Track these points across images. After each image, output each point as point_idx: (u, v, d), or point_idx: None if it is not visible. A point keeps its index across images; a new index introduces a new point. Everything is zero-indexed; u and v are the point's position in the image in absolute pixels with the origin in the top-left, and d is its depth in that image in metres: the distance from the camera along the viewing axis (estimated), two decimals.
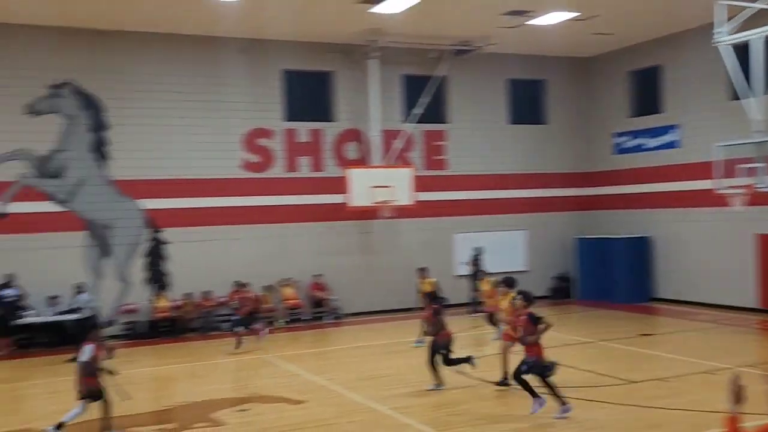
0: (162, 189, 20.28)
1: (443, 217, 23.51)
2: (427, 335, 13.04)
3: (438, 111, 23.65)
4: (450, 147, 23.82)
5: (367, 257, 22.60)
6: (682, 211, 22.41)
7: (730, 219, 20.16)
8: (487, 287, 16.76)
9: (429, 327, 12.86)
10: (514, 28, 20.70)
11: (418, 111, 22.59)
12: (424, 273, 18.40)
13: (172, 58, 20.41)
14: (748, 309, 20.35)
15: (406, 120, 22.82)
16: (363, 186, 21.22)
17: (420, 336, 15.64)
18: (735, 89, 18.22)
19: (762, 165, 17.50)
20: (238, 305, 17.49)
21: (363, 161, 22.39)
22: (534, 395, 10.69)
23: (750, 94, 17.50)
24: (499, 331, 14.36)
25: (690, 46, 21.75)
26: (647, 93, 23.80)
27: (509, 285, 12.51)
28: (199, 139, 20.63)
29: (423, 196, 22.45)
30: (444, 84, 23.44)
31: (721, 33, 16.84)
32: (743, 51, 17.51)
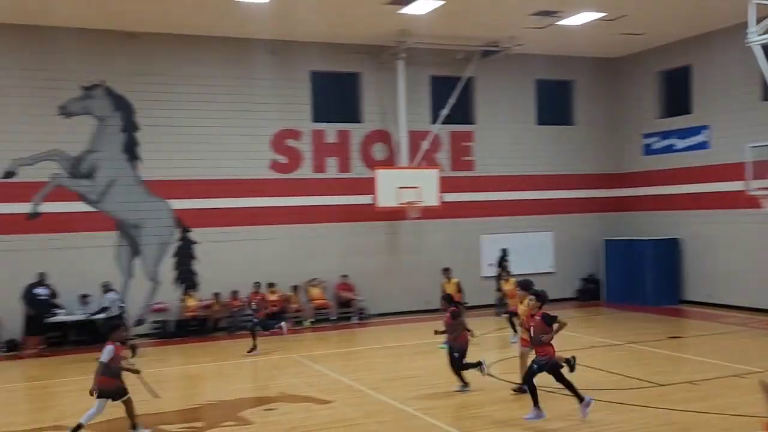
0: (191, 189, 20.49)
1: (470, 218, 23.48)
2: (447, 338, 12.95)
3: (465, 112, 23.62)
4: (477, 148, 23.78)
5: (394, 258, 22.63)
6: (711, 213, 22.16)
7: (761, 221, 19.92)
8: (510, 287, 16.76)
9: (447, 330, 12.81)
10: (542, 28, 20.64)
11: (445, 112, 22.57)
12: (448, 273, 18.37)
13: (201, 59, 20.60)
14: None
15: (433, 121, 22.83)
16: (390, 187, 21.25)
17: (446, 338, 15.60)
18: (767, 89, 18.00)
19: None
20: (257, 307, 17.61)
21: (390, 162, 22.43)
22: (536, 404, 10.52)
23: None
24: (517, 335, 14.33)
25: (720, 46, 21.52)
26: (677, 93, 23.58)
27: (525, 288, 12.27)
28: (228, 140, 20.80)
29: (450, 197, 22.45)
30: (471, 85, 23.41)
31: (753, 33, 16.64)
32: None
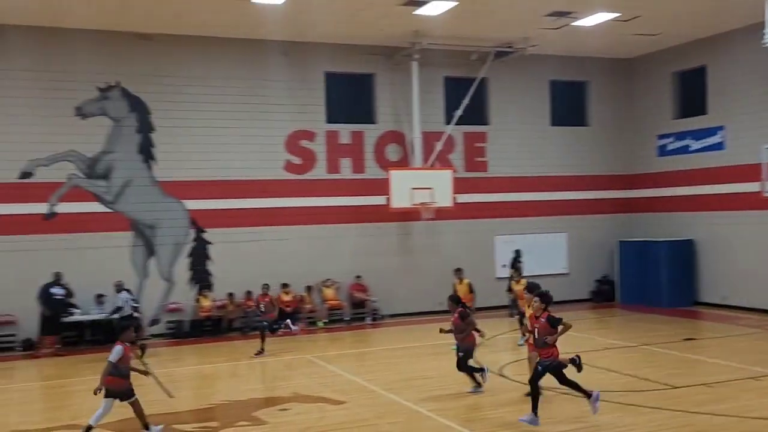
0: (206, 190, 20.59)
1: (484, 219, 23.46)
2: (456, 339, 12.87)
3: (479, 113, 23.60)
4: (491, 149, 23.76)
5: (407, 259, 22.65)
6: (727, 214, 22.03)
7: None
8: (520, 288, 16.73)
9: (455, 330, 12.78)
10: (556, 29, 20.60)
11: (458, 113, 22.56)
12: (460, 274, 18.32)
13: (216, 60, 20.69)
14: None
15: (447, 122, 22.83)
16: (404, 188, 21.27)
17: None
18: None
19: None
20: (265, 309, 17.65)
21: (404, 163, 22.44)
22: (534, 408, 10.42)
23: None
24: (525, 337, 14.29)
25: (736, 46, 21.40)
26: (692, 94, 23.47)
27: (531, 290, 12.23)
28: (243, 141, 20.89)
29: (463, 198, 22.45)
30: (485, 86, 23.40)
31: None
32: None
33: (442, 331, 13.08)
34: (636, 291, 23.85)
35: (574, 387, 10.63)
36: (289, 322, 18.36)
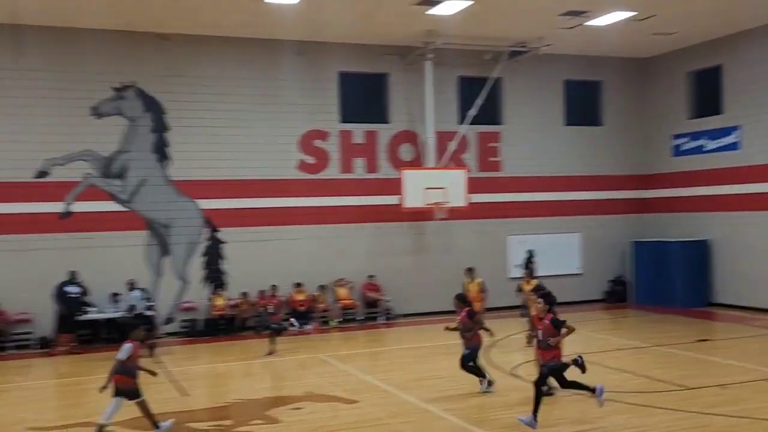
0: (220, 189, 20.69)
1: (497, 219, 23.43)
2: (463, 338, 12.82)
3: (493, 112, 23.58)
4: (504, 149, 23.73)
5: (421, 258, 22.67)
6: (742, 215, 21.91)
7: None
8: (528, 288, 16.74)
9: (463, 329, 12.77)
10: (570, 29, 20.55)
11: (472, 112, 22.56)
12: (471, 273, 18.30)
13: (230, 60, 20.78)
14: None
15: (460, 121, 22.82)
16: (417, 187, 21.29)
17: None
18: None
19: None
20: (273, 310, 17.69)
21: (417, 163, 22.46)
22: (535, 411, 10.26)
23: None
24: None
25: (752, 45, 21.29)
26: (707, 94, 23.35)
27: (536, 291, 12.21)
28: (257, 141, 20.97)
29: (477, 197, 22.43)
30: (499, 85, 23.37)
31: None
32: None
33: (447, 329, 13.10)
34: (650, 292, 23.75)
35: (576, 387, 10.63)
36: (293, 320, 18.41)
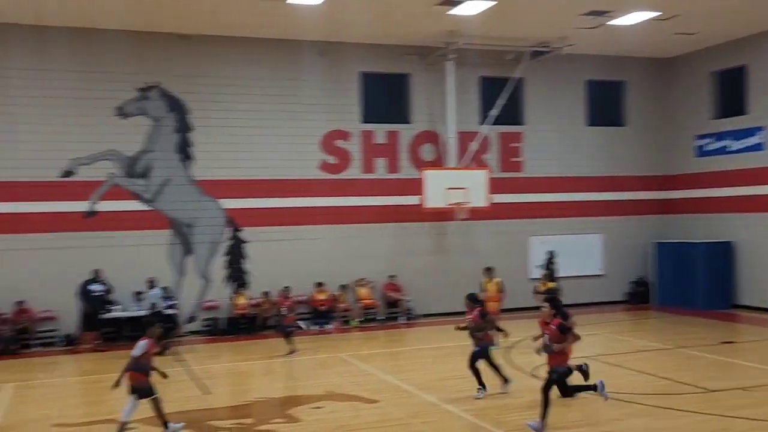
0: (242, 189, 20.83)
1: (518, 220, 23.38)
2: (473, 337, 12.77)
3: (514, 113, 23.53)
4: (526, 149, 23.67)
5: (442, 259, 22.67)
6: (766, 216, 21.70)
7: None
8: (543, 289, 16.71)
9: (474, 328, 12.74)
10: (593, 28, 20.45)
11: (494, 113, 22.52)
12: (490, 273, 18.24)
13: (253, 61, 20.92)
14: None
15: (482, 122, 22.80)
16: (438, 187, 21.30)
17: (495, 340, 15.54)
18: None
19: None
20: (286, 312, 17.77)
21: (438, 163, 22.47)
22: (543, 416, 10.23)
23: None
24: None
25: None
26: (731, 94, 23.14)
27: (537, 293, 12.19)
28: (279, 141, 21.09)
29: (498, 198, 22.40)
30: (521, 85, 23.31)
31: None
32: None
33: (458, 329, 13.10)
34: (672, 293, 23.58)
35: (578, 389, 10.61)
36: (299, 322, 18.37)
